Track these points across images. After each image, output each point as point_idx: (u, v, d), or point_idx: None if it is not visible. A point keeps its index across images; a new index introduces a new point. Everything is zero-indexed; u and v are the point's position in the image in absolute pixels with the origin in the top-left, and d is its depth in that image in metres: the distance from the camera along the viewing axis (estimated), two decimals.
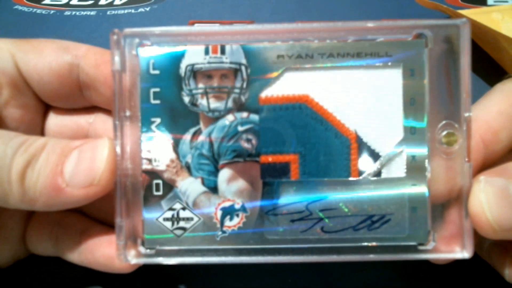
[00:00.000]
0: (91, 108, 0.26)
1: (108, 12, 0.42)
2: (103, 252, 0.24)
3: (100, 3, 0.43)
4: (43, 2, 0.43)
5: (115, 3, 0.43)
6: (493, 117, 0.23)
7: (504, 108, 0.24)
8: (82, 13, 0.42)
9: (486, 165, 0.23)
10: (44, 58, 0.24)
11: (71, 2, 0.43)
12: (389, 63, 0.23)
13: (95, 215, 0.27)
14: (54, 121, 0.26)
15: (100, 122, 0.26)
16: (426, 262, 0.24)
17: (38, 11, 0.41)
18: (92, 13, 0.42)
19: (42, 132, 0.27)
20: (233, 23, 0.40)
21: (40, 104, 0.26)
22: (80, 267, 0.26)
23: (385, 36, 0.23)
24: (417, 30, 0.23)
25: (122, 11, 0.42)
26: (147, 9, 0.42)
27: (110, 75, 0.24)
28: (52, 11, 0.42)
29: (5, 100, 0.24)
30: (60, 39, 0.26)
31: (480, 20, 0.33)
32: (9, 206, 0.22)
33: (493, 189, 0.21)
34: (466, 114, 0.22)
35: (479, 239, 0.24)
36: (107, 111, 0.27)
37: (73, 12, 0.41)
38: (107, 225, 0.26)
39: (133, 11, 0.42)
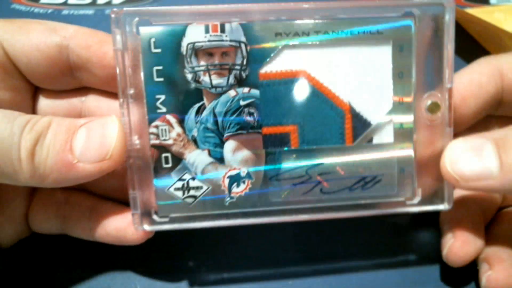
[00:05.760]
0: (80, 89, 0.25)
1: (107, 11, 0.41)
2: (115, 225, 0.24)
3: (98, 2, 0.41)
4: (41, 1, 0.41)
5: (114, 2, 0.42)
6: (464, 85, 0.24)
7: (475, 77, 0.24)
8: (80, 12, 0.40)
9: (456, 126, 0.24)
10: (31, 39, 0.23)
11: (68, 1, 0.41)
12: (380, 39, 0.23)
13: (100, 192, 0.26)
14: (46, 102, 0.25)
15: (93, 101, 0.25)
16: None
17: (36, 10, 0.40)
18: (90, 12, 0.41)
19: (33, 114, 0.25)
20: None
21: (29, 86, 0.24)
22: (82, 248, 0.26)
23: (376, 14, 0.22)
24: (406, 9, 0.22)
25: None
26: None
27: (103, 55, 0.22)
28: (49, 10, 0.40)
29: None
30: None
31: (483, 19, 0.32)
32: (19, 183, 0.21)
33: (459, 144, 0.22)
34: (449, 86, 0.23)
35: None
36: (98, 91, 0.25)
37: (71, 11, 0.40)
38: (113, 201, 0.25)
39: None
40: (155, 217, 0.23)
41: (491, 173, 0.21)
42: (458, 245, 0.24)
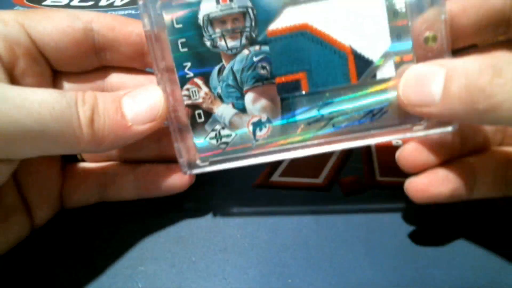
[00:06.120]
0: (99, 69, 0.27)
1: (109, 13, 0.42)
2: (163, 177, 0.27)
3: (101, 4, 0.44)
4: (44, 3, 0.42)
5: (116, 4, 0.44)
6: None
7: None
8: None
9: (455, 41, 0.25)
10: (58, 25, 0.24)
11: (71, 3, 0.43)
12: None
13: (129, 159, 0.29)
14: (69, 85, 0.27)
15: (115, 78, 0.27)
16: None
17: None
18: None
19: None
20: None
21: (49, 71, 0.26)
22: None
23: None
24: None
25: (123, 12, 0.43)
26: None
27: (129, 34, 0.26)
28: None
29: (22, 70, 0.24)
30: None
31: None
32: (76, 150, 0.24)
33: (416, 69, 0.23)
34: (443, 17, 0.24)
35: None
36: (117, 69, 0.27)
37: None
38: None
39: (133, 11, 0.42)
40: (198, 161, 0.28)
41: (433, 101, 0.22)
42: (409, 149, 0.25)
